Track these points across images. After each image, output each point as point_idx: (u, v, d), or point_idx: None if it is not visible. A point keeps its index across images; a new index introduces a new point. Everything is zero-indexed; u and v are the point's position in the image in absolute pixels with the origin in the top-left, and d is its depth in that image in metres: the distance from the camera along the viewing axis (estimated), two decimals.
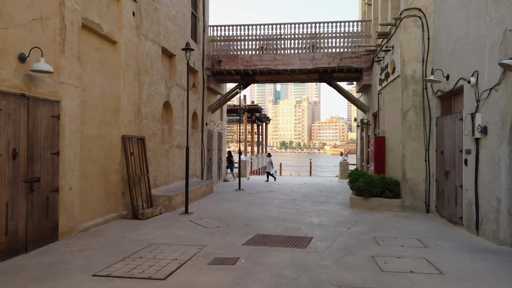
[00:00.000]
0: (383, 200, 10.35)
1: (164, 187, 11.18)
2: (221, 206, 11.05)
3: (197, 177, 14.68)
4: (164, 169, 11.25)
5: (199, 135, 15.01)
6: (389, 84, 11.65)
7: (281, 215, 9.61)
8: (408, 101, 10.20)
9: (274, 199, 12.66)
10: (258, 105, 32.27)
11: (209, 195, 13.49)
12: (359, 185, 10.53)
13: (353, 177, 11.32)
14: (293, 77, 16.09)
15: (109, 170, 8.74)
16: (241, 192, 14.44)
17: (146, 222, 8.54)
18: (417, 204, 10.07)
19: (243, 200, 12.20)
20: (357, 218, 9.26)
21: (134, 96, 9.47)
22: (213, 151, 17.45)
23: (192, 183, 12.95)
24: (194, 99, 14.30)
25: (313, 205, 11.35)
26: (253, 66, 15.56)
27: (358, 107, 16.69)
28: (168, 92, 11.54)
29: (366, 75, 14.98)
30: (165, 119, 11.79)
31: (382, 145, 12.39)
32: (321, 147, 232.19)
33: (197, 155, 14.68)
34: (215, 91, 17.12)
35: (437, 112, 9.83)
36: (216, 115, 18.08)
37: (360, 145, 18.23)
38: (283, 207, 10.92)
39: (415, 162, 10.12)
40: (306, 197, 13.22)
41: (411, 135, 10.17)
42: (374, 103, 14.39)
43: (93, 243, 6.55)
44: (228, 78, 16.67)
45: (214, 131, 17.45)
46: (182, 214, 9.45)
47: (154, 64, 10.52)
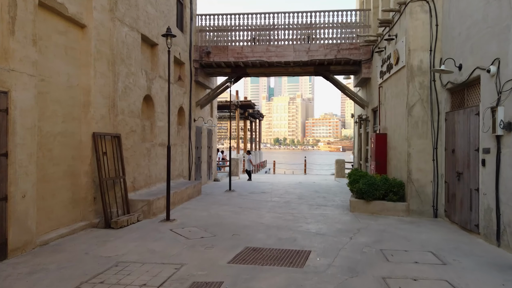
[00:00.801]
0: (386, 204, 9.38)
1: (145, 190, 10.11)
2: (208, 210, 10.01)
3: (184, 177, 13.61)
4: (145, 170, 10.17)
5: (186, 132, 13.92)
6: (392, 76, 10.66)
7: (274, 221, 8.59)
8: (414, 95, 9.22)
9: (267, 201, 11.64)
10: (251, 101, 31.21)
11: (196, 197, 12.44)
12: (360, 187, 9.54)
13: (353, 178, 10.33)
14: (287, 70, 15.05)
15: (78, 173, 7.65)
16: (231, 194, 13.41)
17: (119, 232, 7.47)
18: (424, 208, 9.12)
19: (233, 203, 11.17)
20: (359, 224, 8.28)
21: (107, 88, 8.37)
22: (203, 149, 16.37)
23: (178, 184, 11.88)
24: (180, 93, 13.21)
25: (310, 209, 10.35)
26: (245, 58, 14.49)
27: (356, 102, 15.71)
28: (149, 84, 10.44)
29: (365, 67, 13.99)
30: (146, 114, 10.70)
31: (383, 142, 11.42)
32: (315, 144, 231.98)
33: (184, 153, 13.61)
34: (204, 85, 16.02)
35: (446, 106, 8.86)
36: (206, 111, 17.00)
37: (358, 142, 17.27)
38: (277, 211, 9.90)
39: (422, 162, 9.16)
40: (302, 199, 12.22)
41: (418, 132, 9.19)
42: (374, 97, 13.41)
43: (48, 262, 5.47)
44: (217, 71, 15.57)
45: (203, 127, 16.37)
46: (163, 222, 8.40)
47: (132, 53, 9.41)
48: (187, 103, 13.99)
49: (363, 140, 15.96)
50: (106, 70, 8.32)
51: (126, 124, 9.13)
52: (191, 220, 8.70)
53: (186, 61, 13.83)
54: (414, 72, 9.20)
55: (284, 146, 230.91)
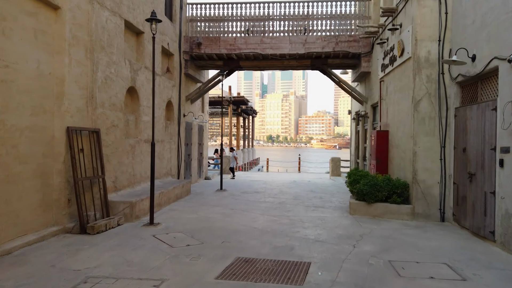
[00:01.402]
0: (389, 206, 8.69)
1: (128, 190, 9.30)
2: (197, 212, 9.24)
3: (173, 176, 12.81)
4: (128, 169, 9.36)
5: (175, 128, 13.11)
6: (396, 69, 9.96)
7: (269, 225, 7.85)
8: (421, 89, 8.52)
9: (261, 202, 10.90)
10: (244, 97, 30.44)
11: (185, 197, 11.65)
12: (362, 188, 8.84)
13: (353, 178, 9.62)
14: (282, 63, 14.28)
15: (49, 172, 6.83)
16: (223, 193, 12.65)
17: (96, 238, 6.67)
18: (430, 211, 8.44)
19: (224, 204, 10.41)
20: (362, 229, 7.57)
21: (85, 78, 7.54)
22: (193, 146, 15.57)
23: (165, 184, 11.09)
24: (169, 86, 12.38)
25: (307, 210, 9.63)
26: (238, 50, 13.70)
27: (354, 97, 15.01)
28: (133, 75, 9.61)
29: (365, 61, 13.28)
30: (130, 108, 9.87)
31: (385, 140, 10.73)
32: (308, 141, 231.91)
33: (172, 151, 12.80)
34: (195, 79, 15.20)
35: (456, 101, 8.18)
36: (197, 106, 16.18)
37: (355, 140, 16.59)
38: (272, 213, 9.17)
39: (429, 161, 8.47)
40: (298, 199, 11.51)
41: (424, 129, 8.51)
42: (374, 92, 12.72)
43: (4, 278, 4.67)
44: (209, 64, 14.76)
45: (193, 123, 15.56)
46: (146, 226, 7.61)
47: (114, 41, 8.58)
48: (176, 97, 13.17)
49: (361, 137, 15.28)
50: (83, 58, 7.48)
51: (107, 118, 8.31)
52: (177, 224, 7.93)
53: (175, 52, 13.00)
54: (421, 64, 8.50)
55: (277, 144, 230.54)
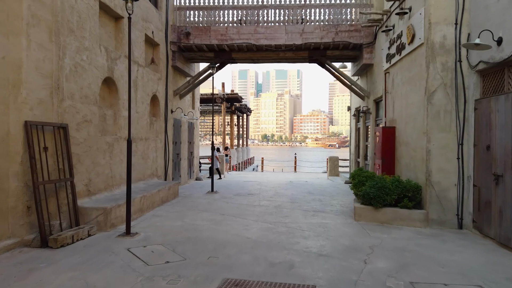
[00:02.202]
0: (400, 212, 7.71)
1: (105, 194, 8.22)
2: (183, 219, 8.20)
3: (159, 177, 11.74)
4: (105, 170, 8.28)
5: (161, 125, 12.04)
6: (404, 58, 8.98)
7: (264, 235, 6.83)
8: (436, 78, 7.54)
9: (255, 206, 9.88)
10: (237, 94, 29.41)
11: (172, 200, 10.60)
12: (368, 191, 7.85)
13: (358, 179, 8.63)
14: (278, 55, 13.25)
15: (3, 175, 5.76)
16: (213, 196, 11.60)
17: (58, 253, 5.61)
18: (446, 217, 7.47)
19: (214, 209, 9.37)
20: (371, 240, 6.58)
21: (48, 64, 6.46)
22: (182, 144, 14.51)
23: (149, 186, 10.03)
24: (154, 79, 11.31)
25: (306, 216, 8.63)
26: (230, 41, 12.65)
27: (354, 92, 14.02)
28: (111, 65, 8.53)
29: (367, 52, 12.30)
30: (108, 102, 8.79)
31: (391, 137, 9.75)
32: (303, 140, 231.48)
33: (158, 149, 11.73)
34: (184, 72, 14.13)
35: (475, 92, 7.21)
36: (186, 102, 15.11)
37: (355, 137, 15.63)
38: (267, 220, 8.15)
39: (444, 161, 7.50)
40: (295, 202, 10.50)
41: (439, 124, 7.53)
42: (377, 86, 11.74)
43: None
44: (199, 56, 13.68)
45: (183, 120, 14.50)
46: (121, 237, 6.55)
47: (86, 24, 7.50)
48: (163, 91, 12.10)
49: (362, 135, 14.31)
50: (46, 41, 6.40)
51: (77, 112, 7.23)
52: (158, 233, 6.88)
53: (162, 43, 11.92)
54: (436, 51, 7.52)
55: (272, 143, 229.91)
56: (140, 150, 10.21)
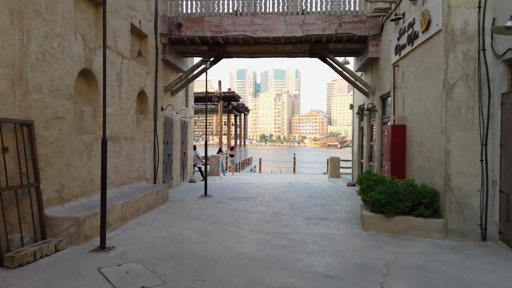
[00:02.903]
0: (414, 221, 6.80)
1: (81, 201, 7.29)
2: (169, 228, 7.28)
3: (147, 180, 10.81)
4: (82, 173, 7.35)
5: (149, 124, 11.10)
6: (417, 49, 8.08)
7: (260, 249, 5.91)
8: (456, 70, 6.64)
9: (251, 212, 8.97)
10: (234, 93, 28.52)
11: (160, 206, 9.67)
12: (378, 198, 6.94)
13: (367, 184, 7.72)
14: (276, 48, 12.33)
15: None
16: (206, 201, 10.68)
17: (13, 275, 4.68)
18: (467, 227, 6.58)
19: (205, 216, 8.45)
20: (384, 255, 5.67)
21: (9, 51, 5.53)
22: (175, 144, 13.58)
23: (134, 191, 9.10)
24: (141, 74, 10.37)
25: (308, 224, 7.72)
26: (225, 33, 11.73)
27: (358, 89, 13.13)
28: (89, 55, 7.60)
29: (373, 45, 11.40)
30: (86, 96, 7.86)
31: (401, 137, 8.86)
32: (301, 140, 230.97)
33: (146, 150, 10.79)
34: (176, 67, 13.20)
35: (502, 85, 6.31)
36: (179, 99, 14.19)
37: (358, 137, 14.73)
38: (264, 229, 7.24)
39: (465, 163, 6.60)
40: (295, 207, 9.59)
41: (460, 121, 6.63)
42: (385, 81, 10.85)
43: None
44: (191, 50, 12.75)
45: (175, 119, 13.57)
46: (94, 252, 5.62)
47: (57, 6, 6.57)
48: (151, 87, 11.16)
49: (366, 134, 13.41)
50: (6, 23, 5.48)
51: (46, 108, 6.29)
52: (139, 247, 5.96)
53: (150, 34, 10.99)
54: (456, 38, 6.62)
55: (270, 143, 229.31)
56: (125, 151, 9.28)
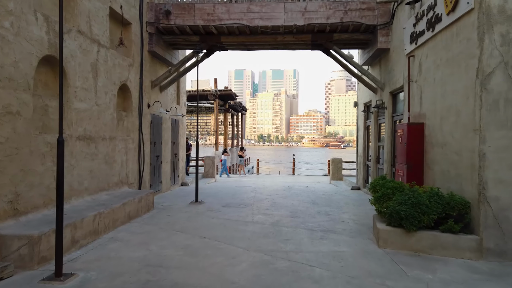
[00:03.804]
0: (441, 237, 5.67)
1: (44, 213, 6.11)
2: (149, 245, 6.13)
3: (130, 185, 9.64)
4: (45, 180, 6.18)
5: (133, 122, 9.93)
6: (440, 34, 6.95)
7: (256, 277, 4.76)
8: (493, 55, 5.52)
9: (247, 223, 7.82)
10: (231, 91, 27.32)
11: (144, 215, 8.52)
12: (398, 209, 5.81)
13: (382, 192, 6.56)
14: (275, 39, 11.19)
15: None
16: (197, 208, 9.53)
17: None
18: (507, 245, 5.45)
19: (193, 228, 7.30)
20: (411, 284, 4.53)
21: None
22: (164, 145, 12.42)
23: (113, 198, 7.93)
24: (124, 65, 9.21)
25: (312, 239, 6.58)
26: (218, 21, 10.58)
27: (365, 84, 11.99)
28: (55, 40, 6.43)
29: (382, 35, 10.27)
30: (53, 89, 6.69)
31: (419, 137, 7.73)
32: (299, 140, 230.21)
33: (130, 151, 9.63)
34: (165, 61, 12.03)
35: None
36: (169, 96, 13.03)
37: (364, 137, 13.61)
38: (261, 247, 6.09)
39: (505, 169, 5.48)
40: (297, 216, 8.46)
41: (498, 117, 5.51)
42: (396, 75, 9.72)
43: None
44: (182, 40, 11.58)
45: (165, 117, 12.41)
46: (46, 282, 4.46)
47: None
48: (136, 81, 9.99)
49: (373, 134, 12.27)
50: None
51: None
52: (106, 272, 4.81)
53: (134, 22, 9.83)
54: (493, 18, 5.49)
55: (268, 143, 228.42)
56: (103, 153, 8.12)
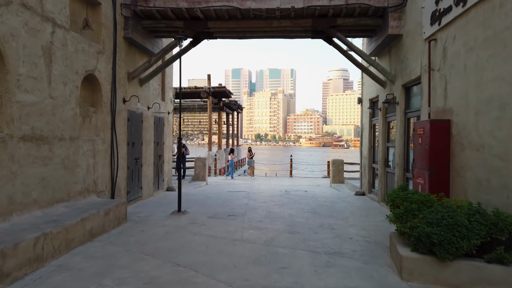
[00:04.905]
0: (487, 270, 4.29)
1: None
2: (102, 279, 4.71)
3: (100, 193, 8.20)
4: None
5: (104, 119, 8.49)
6: (474, 9, 5.57)
7: None
8: None
9: (235, 242, 6.41)
10: (225, 88, 25.90)
11: (112, 230, 7.10)
12: (428, 231, 4.42)
13: (405, 206, 5.14)
14: (270, 24, 9.77)
15: None
16: (179, 220, 8.12)
17: None
18: None
19: (167, 250, 5.88)
20: None
21: None
22: (145, 146, 11.00)
23: (72, 211, 6.50)
24: (90, 52, 7.77)
25: (315, 267, 5.18)
26: (204, 4, 9.16)
27: (372, 77, 10.60)
28: None
29: (394, 18, 8.89)
30: None
31: (444, 137, 6.36)
32: (297, 140, 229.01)
33: (99, 153, 8.20)
34: (146, 50, 10.59)
35: None
36: (152, 91, 11.60)
37: (369, 137, 12.23)
38: (250, 280, 4.68)
39: None
40: (295, 231, 7.08)
41: None
42: (411, 64, 8.34)
43: None
44: (163, 27, 10.14)
45: (146, 114, 10.99)
46: None
47: None
48: (107, 71, 8.55)
49: (381, 133, 10.89)
50: None
51: None
52: None
53: (105, 2, 8.38)
54: None
55: (266, 142, 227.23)
56: (60, 156, 6.69)
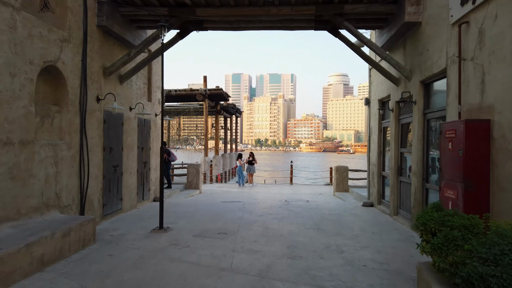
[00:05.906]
0: None
1: None
2: None
3: (64, 208, 6.89)
4: None
5: (71, 119, 7.20)
6: None
7: None
8: None
9: (221, 272, 5.10)
10: (222, 90, 24.58)
11: (73, 255, 5.80)
12: (482, 272, 3.10)
13: (444, 234, 3.82)
14: (268, 11, 8.51)
15: None
16: (158, 240, 6.81)
17: None
18: None
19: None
20: None
21: None
22: (127, 151, 9.71)
23: (19, 233, 5.20)
24: (51, 39, 6.50)
25: None
26: None
27: (384, 73, 9.33)
28: None
29: (412, 3, 7.63)
30: None
31: (483, 141, 5.07)
32: (297, 145, 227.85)
33: (62, 161, 6.90)
34: (126, 42, 9.33)
35: None
36: (135, 90, 10.34)
37: (379, 141, 10.93)
38: None
39: None
40: (296, 256, 5.78)
41: None
42: (433, 56, 7.06)
43: None
44: (146, 15, 8.89)
45: (127, 116, 9.71)
46: None
47: None
48: (75, 64, 7.27)
49: (392, 137, 9.60)
50: None
51: None
52: None
53: None
54: None
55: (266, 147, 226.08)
56: (6, 164, 5.40)
